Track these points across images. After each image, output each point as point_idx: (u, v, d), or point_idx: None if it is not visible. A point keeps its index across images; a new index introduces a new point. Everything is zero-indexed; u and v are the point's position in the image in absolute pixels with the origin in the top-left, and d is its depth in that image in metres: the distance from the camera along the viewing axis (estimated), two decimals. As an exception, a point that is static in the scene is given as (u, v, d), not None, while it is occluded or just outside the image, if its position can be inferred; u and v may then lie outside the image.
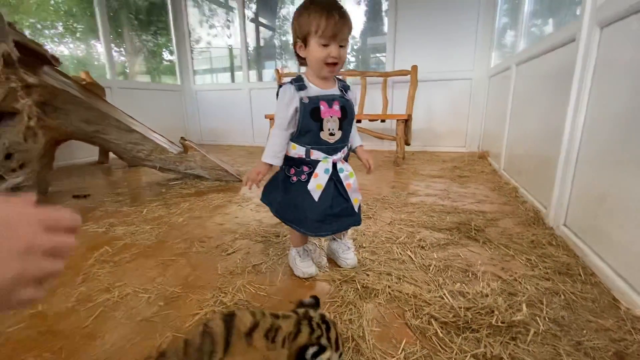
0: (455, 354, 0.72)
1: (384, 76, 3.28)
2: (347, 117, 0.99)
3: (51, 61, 1.97)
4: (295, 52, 0.97)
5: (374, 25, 4.26)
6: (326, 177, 0.98)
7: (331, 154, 0.99)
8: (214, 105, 4.83)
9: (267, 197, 1.11)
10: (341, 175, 1.01)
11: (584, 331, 0.78)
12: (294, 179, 1.01)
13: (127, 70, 4.55)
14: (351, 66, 4.37)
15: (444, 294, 0.92)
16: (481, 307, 0.85)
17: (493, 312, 0.83)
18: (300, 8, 0.91)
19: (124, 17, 4.30)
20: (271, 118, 3.47)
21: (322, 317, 0.59)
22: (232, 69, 5.09)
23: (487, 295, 0.91)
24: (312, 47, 0.91)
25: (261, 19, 4.82)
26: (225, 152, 4.12)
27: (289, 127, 0.98)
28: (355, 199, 1.04)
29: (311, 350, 0.52)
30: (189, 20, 4.69)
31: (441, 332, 0.78)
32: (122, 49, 4.47)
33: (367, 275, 1.06)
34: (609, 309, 0.87)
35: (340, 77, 1.13)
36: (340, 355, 0.58)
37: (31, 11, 3.72)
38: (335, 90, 1.00)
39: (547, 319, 0.83)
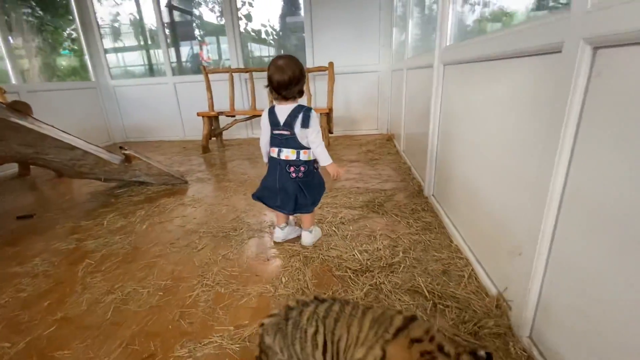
0: (360, 286, 1.24)
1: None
2: None
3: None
4: (302, 89, 1.41)
5: (292, 8, 4.55)
6: None
7: None
8: (135, 101, 4.67)
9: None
10: None
11: (429, 262, 1.38)
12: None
13: (31, 72, 4.09)
14: (273, 51, 4.67)
15: (355, 253, 1.45)
16: (375, 257, 1.40)
17: (382, 259, 1.39)
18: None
19: (19, 14, 3.80)
20: (204, 116, 3.64)
21: None
22: (147, 49, 4.84)
23: (380, 250, 1.47)
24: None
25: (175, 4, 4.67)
26: (157, 150, 4.14)
27: None
28: None
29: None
30: (95, 13, 4.34)
31: (352, 276, 1.31)
32: (22, 50, 3.98)
33: (307, 248, 1.54)
34: (446, 247, 1.49)
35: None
36: None
37: None
38: None
39: (412, 258, 1.41)
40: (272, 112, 1.42)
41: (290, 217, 1.72)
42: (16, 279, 1.44)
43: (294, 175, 1.45)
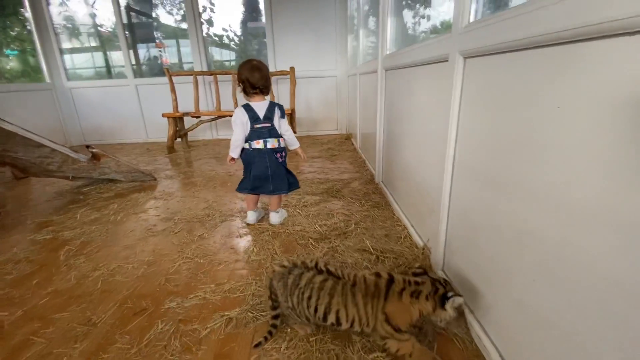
0: (319, 250, 1.51)
1: (269, 76, 3.92)
2: None
3: None
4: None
5: (253, 14, 4.75)
6: None
7: None
8: (94, 103, 4.59)
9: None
10: None
11: (375, 229, 1.69)
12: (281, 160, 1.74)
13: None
14: (234, 55, 4.84)
15: (316, 226, 1.72)
16: (333, 228, 1.68)
17: (338, 229, 1.67)
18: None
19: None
20: (169, 117, 3.73)
21: (443, 279, 0.92)
22: (104, 50, 4.76)
23: (336, 223, 1.75)
24: None
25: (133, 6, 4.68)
26: (120, 152, 4.13)
27: None
28: None
29: (451, 295, 0.85)
30: (50, 12, 4.24)
31: (314, 243, 1.57)
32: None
33: (275, 226, 1.78)
34: (389, 219, 1.81)
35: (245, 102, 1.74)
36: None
37: None
38: None
39: (362, 228, 1.71)
40: (249, 109, 1.61)
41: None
42: (-3, 266, 1.52)
43: (280, 160, 1.70)
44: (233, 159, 1.69)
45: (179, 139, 4.00)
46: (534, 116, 0.69)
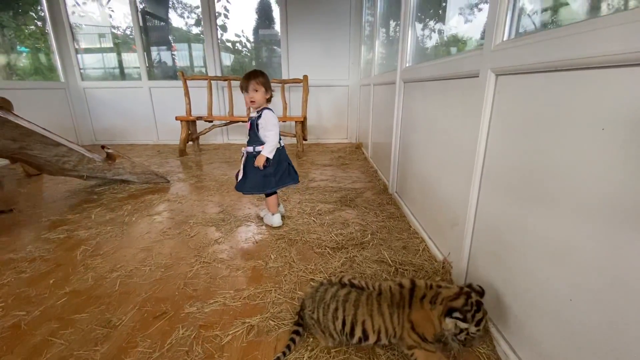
0: (337, 259, 1.50)
1: (282, 83, 3.95)
2: (251, 129, 1.73)
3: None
4: None
5: (265, 21, 4.80)
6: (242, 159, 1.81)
7: (247, 146, 1.77)
8: (107, 104, 4.64)
9: None
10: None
11: (392, 241, 1.68)
12: None
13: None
14: (247, 61, 4.88)
15: (332, 235, 1.72)
16: (349, 238, 1.68)
17: (354, 239, 1.66)
18: None
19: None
20: (182, 120, 3.76)
21: (479, 301, 0.82)
22: (118, 52, 4.81)
23: (352, 233, 1.75)
24: (244, 95, 1.70)
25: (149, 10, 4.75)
26: (130, 153, 4.15)
27: None
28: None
29: (456, 314, 0.77)
30: (67, 12, 4.33)
31: (331, 252, 1.56)
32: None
33: (291, 233, 1.77)
34: (406, 230, 1.80)
35: (266, 106, 1.75)
36: (478, 331, 0.80)
37: None
38: (254, 114, 1.74)
39: (379, 238, 1.70)
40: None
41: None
42: (13, 264, 1.52)
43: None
44: (268, 160, 1.73)
45: (190, 142, 4.03)
46: (571, 135, 0.69)
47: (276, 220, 1.85)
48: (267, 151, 1.70)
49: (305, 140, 3.92)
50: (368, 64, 3.70)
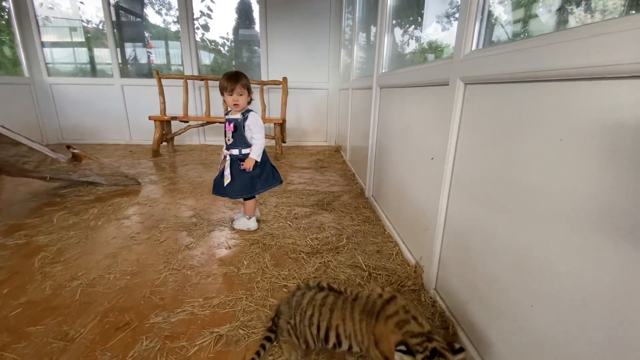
0: (311, 264, 1.49)
1: (261, 84, 3.90)
2: (236, 131, 1.67)
3: None
4: None
5: (245, 21, 4.74)
6: (226, 163, 1.73)
7: (228, 150, 1.71)
8: (76, 101, 4.42)
9: None
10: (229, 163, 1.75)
11: (367, 245, 1.69)
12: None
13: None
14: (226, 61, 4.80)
15: (307, 240, 1.70)
16: (325, 242, 1.67)
17: (329, 243, 1.66)
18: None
19: None
20: (156, 120, 3.64)
21: (438, 351, 0.71)
22: (89, 47, 4.58)
23: (328, 237, 1.74)
24: (226, 97, 1.62)
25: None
26: (100, 153, 3.97)
27: None
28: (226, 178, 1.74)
29: (401, 347, 0.71)
30: (34, 3, 4.09)
31: (305, 257, 1.55)
32: None
33: (265, 238, 1.74)
34: (380, 234, 1.82)
35: (249, 108, 1.72)
36: None
37: None
38: (237, 116, 1.67)
39: (354, 243, 1.70)
40: None
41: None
42: (-38, 273, 1.41)
43: None
44: (256, 162, 1.72)
45: (164, 143, 3.90)
46: (535, 144, 0.72)
47: (252, 224, 1.82)
48: (257, 154, 1.70)
49: (284, 142, 3.89)
50: (347, 68, 3.73)
